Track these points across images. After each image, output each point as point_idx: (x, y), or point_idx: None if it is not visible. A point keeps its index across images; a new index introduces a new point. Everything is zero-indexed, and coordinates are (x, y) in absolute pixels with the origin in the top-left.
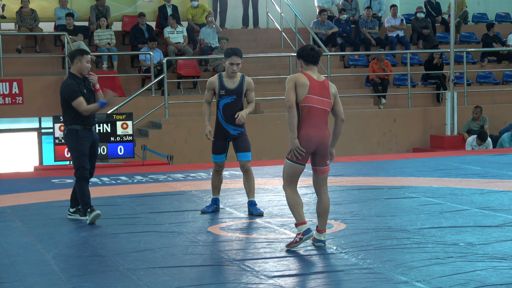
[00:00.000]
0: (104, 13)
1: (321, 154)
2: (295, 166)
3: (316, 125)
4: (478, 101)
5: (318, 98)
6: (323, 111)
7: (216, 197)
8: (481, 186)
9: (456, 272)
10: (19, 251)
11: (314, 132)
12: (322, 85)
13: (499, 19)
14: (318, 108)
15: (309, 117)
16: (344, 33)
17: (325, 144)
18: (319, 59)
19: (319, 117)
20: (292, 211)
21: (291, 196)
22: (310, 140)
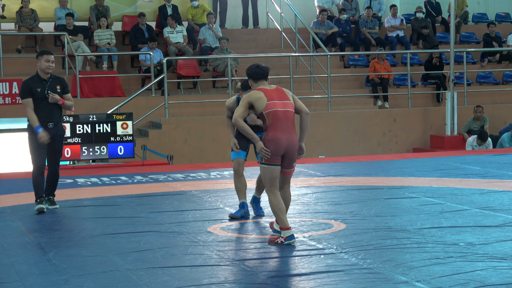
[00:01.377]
0: (104, 13)
1: (289, 157)
2: (272, 168)
3: (284, 129)
4: (478, 101)
5: (279, 102)
6: (288, 112)
7: (243, 201)
8: (481, 186)
9: (456, 272)
10: (19, 251)
11: (282, 134)
12: (277, 91)
13: (499, 19)
14: (282, 110)
15: (275, 121)
16: (344, 33)
17: (293, 148)
18: (266, 74)
19: (285, 119)
20: (276, 216)
21: (274, 202)
22: (279, 142)
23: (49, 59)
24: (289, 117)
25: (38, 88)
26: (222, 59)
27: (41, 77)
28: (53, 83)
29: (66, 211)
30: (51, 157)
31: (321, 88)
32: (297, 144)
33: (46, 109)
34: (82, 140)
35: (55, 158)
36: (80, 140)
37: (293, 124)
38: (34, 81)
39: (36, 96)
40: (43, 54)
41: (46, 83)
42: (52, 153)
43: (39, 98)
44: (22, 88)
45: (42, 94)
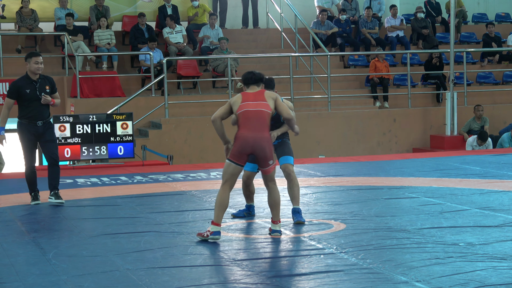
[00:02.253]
0: (104, 13)
1: (261, 156)
2: (232, 165)
3: (252, 127)
4: (478, 101)
5: (252, 102)
6: (259, 112)
7: (249, 204)
8: (481, 186)
9: (456, 272)
10: (19, 251)
11: (249, 133)
12: (257, 93)
13: (499, 19)
14: (253, 110)
15: (244, 120)
16: (344, 33)
17: (262, 146)
18: (256, 80)
19: (256, 119)
20: (215, 208)
21: (220, 195)
22: (246, 140)
23: (38, 60)
24: (260, 117)
25: (27, 89)
26: (222, 59)
27: (31, 78)
28: (42, 84)
29: (66, 211)
30: (47, 149)
31: (321, 88)
32: (268, 143)
33: (36, 109)
34: (82, 140)
35: (51, 148)
36: (80, 140)
37: (264, 124)
38: (24, 82)
39: (25, 97)
40: (32, 57)
41: (36, 84)
42: (47, 145)
43: (30, 99)
44: (10, 87)
45: (32, 94)
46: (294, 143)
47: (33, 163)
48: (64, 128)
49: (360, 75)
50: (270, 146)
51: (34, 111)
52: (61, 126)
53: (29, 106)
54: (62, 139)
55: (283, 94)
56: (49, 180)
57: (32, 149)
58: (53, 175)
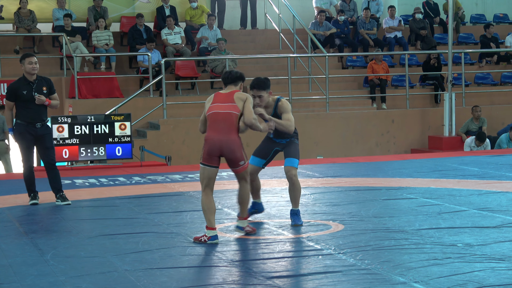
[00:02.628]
0: (102, 14)
1: (230, 158)
2: (205, 168)
3: (219, 129)
4: (476, 102)
5: (219, 104)
6: (227, 114)
7: (255, 201)
8: (479, 187)
9: (454, 273)
10: (17, 252)
11: (216, 135)
12: (228, 94)
13: (497, 20)
14: (220, 112)
15: (212, 122)
16: (342, 34)
17: (230, 148)
18: (232, 80)
19: (223, 121)
20: (204, 214)
21: (204, 201)
22: (213, 142)
23: (31, 61)
24: (227, 119)
25: (24, 91)
26: (220, 60)
27: (27, 79)
28: (39, 85)
29: (64, 212)
30: (45, 155)
31: (319, 89)
32: (236, 145)
33: (33, 110)
34: (80, 141)
35: (50, 155)
36: (78, 141)
37: (232, 125)
38: (21, 84)
39: (22, 98)
40: (25, 58)
41: (33, 85)
42: (45, 152)
43: (27, 100)
44: (8, 90)
45: (29, 96)
46: None
47: (32, 163)
48: (62, 129)
49: (358, 76)
50: (239, 147)
51: (32, 112)
52: (59, 127)
53: (27, 108)
54: (60, 140)
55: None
56: (52, 184)
57: (31, 150)
58: (54, 179)
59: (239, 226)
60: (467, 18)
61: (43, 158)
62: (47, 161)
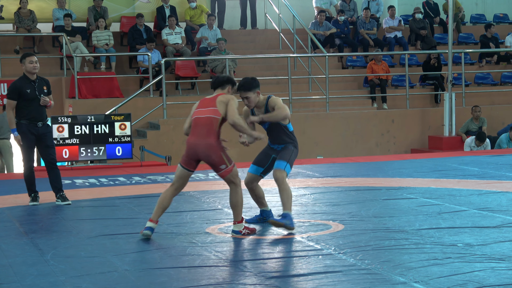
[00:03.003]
0: (102, 14)
1: (208, 162)
2: (180, 169)
3: (197, 134)
4: (476, 102)
5: (201, 109)
6: (207, 119)
7: (263, 209)
8: (479, 187)
9: (454, 273)
10: (17, 252)
11: (193, 139)
12: (211, 99)
13: (497, 20)
14: (201, 117)
15: (193, 127)
16: (342, 34)
17: (205, 152)
18: (218, 84)
19: (202, 125)
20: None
21: (162, 195)
22: (190, 146)
23: (32, 60)
24: (207, 124)
25: (28, 90)
26: (220, 60)
27: (29, 78)
28: (40, 84)
29: (64, 212)
30: (46, 154)
31: (319, 89)
32: (213, 149)
33: (36, 109)
34: (80, 141)
35: (51, 153)
36: (78, 141)
37: (210, 130)
38: (24, 83)
39: (26, 97)
40: (26, 57)
41: (35, 84)
42: (46, 150)
43: (30, 99)
44: (11, 89)
45: (32, 95)
46: None
47: (32, 163)
48: (62, 129)
49: (358, 75)
50: (217, 151)
51: (34, 111)
52: (59, 127)
53: (29, 107)
54: (60, 140)
55: (281, 95)
56: (52, 183)
57: (32, 150)
58: (55, 178)
59: (235, 231)
60: (467, 18)
61: (44, 157)
62: (48, 160)
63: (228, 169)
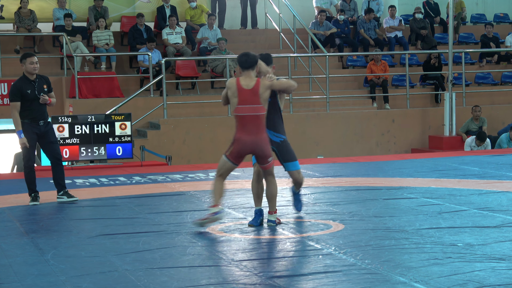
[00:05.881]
0: (103, 13)
1: (260, 155)
2: (229, 164)
3: (249, 131)
4: (476, 102)
5: (245, 107)
6: (254, 117)
7: (259, 208)
8: (479, 186)
9: (454, 273)
10: (18, 251)
11: (247, 137)
12: (251, 91)
13: (497, 19)
14: (247, 115)
15: (241, 125)
16: (343, 34)
17: (261, 147)
18: (252, 64)
19: (251, 123)
20: (212, 195)
21: (216, 184)
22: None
23: (33, 61)
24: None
25: (28, 90)
26: (220, 60)
27: (29, 78)
28: (40, 83)
29: (64, 212)
30: (51, 150)
31: (320, 88)
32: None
33: (37, 109)
34: (80, 141)
35: (55, 149)
36: (78, 140)
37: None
38: (24, 83)
39: (27, 98)
40: (27, 57)
41: (35, 84)
42: (50, 147)
43: (30, 99)
44: (12, 90)
45: (33, 95)
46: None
47: (33, 163)
48: (62, 128)
49: (358, 75)
50: (267, 144)
51: (35, 111)
52: (59, 127)
53: (31, 106)
54: (60, 139)
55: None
56: (56, 180)
57: (33, 149)
58: (59, 175)
59: (272, 220)
60: (467, 18)
61: (49, 153)
62: (53, 156)
63: (272, 161)
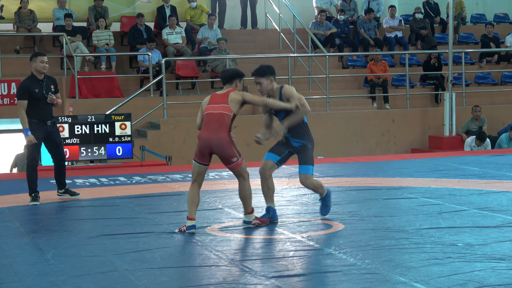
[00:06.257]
0: (103, 13)
1: (220, 155)
2: (197, 165)
3: (210, 129)
4: (476, 102)
5: (213, 105)
6: (219, 115)
7: (269, 206)
8: (479, 186)
9: (454, 273)
10: (18, 251)
11: (206, 134)
12: (223, 95)
13: (497, 19)
14: (213, 113)
15: (205, 122)
16: (343, 34)
17: (219, 146)
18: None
19: (214, 120)
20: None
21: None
22: (203, 140)
23: (43, 60)
24: (219, 119)
25: (36, 89)
26: (220, 60)
27: (37, 78)
28: (48, 83)
29: (64, 212)
30: (56, 151)
31: (320, 88)
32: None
33: (45, 108)
34: (80, 141)
35: (61, 150)
36: (78, 140)
37: (222, 125)
38: (32, 82)
39: (35, 96)
40: (37, 56)
41: (43, 83)
42: (56, 148)
43: (38, 98)
44: (20, 89)
45: (40, 94)
46: None
47: (37, 162)
48: (62, 128)
49: (358, 75)
50: (228, 144)
51: (43, 110)
52: (59, 127)
53: (38, 106)
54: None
55: None
56: (58, 179)
57: (38, 149)
58: (62, 174)
59: (246, 221)
60: (467, 18)
61: (54, 154)
62: (59, 157)
63: (239, 162)
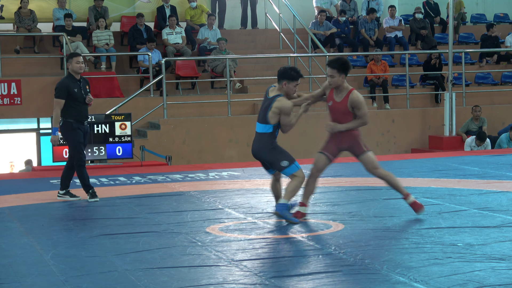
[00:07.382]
0: (103, 13)
1: None
2: None
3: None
4: (476, 102)
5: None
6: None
7: None
8: (479, 186)
9: (454, 273)
10: (18, 251)
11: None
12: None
13: (497, 19)
14: None
15: None
16: (343, 34)
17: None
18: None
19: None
20: None
21: None
22: None
23: (79, 60)
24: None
25: (75, 89)
26: (220, 60)
27: (75, 78)
28: (84, 84)
29: (64, 212)
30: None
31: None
32: None
33: (81, 108)
34: None
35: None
36: None
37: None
38: (71, 82)
39: (73, 96)
40: (73, 57)
41: (80, 84)
42: None
43: (77, 98)
44: (60, 88)
45: (79, 94)
46: (293, 143)
47: (85, 158)
48: None
49: (358, 75)
50: None
51: (81, 110)
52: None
53: (76, 106)
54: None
55: None
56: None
57: (82, 145)
58: (70, 177)
59: None
60: (467, 18)
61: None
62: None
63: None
